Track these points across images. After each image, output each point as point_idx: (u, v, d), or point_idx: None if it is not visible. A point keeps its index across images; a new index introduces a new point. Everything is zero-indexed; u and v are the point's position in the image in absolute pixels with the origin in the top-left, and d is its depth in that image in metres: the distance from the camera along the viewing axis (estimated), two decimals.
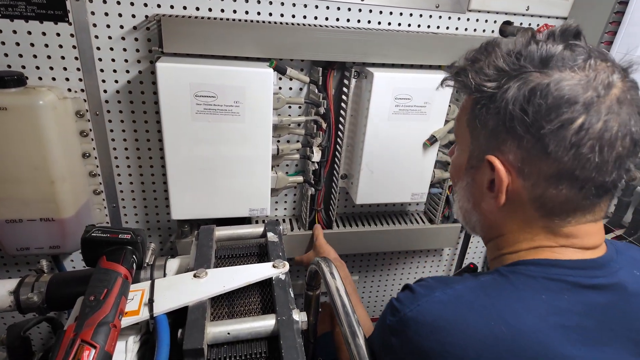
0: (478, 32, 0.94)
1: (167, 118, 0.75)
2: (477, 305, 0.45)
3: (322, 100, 0.87)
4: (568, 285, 0.45)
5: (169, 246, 1.03)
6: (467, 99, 0.51)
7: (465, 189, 0.53)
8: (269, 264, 0.63)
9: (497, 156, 0.46)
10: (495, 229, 0.52)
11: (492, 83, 0.46)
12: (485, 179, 0.49)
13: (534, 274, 0.46)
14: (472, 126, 0.49)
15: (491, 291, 0.46)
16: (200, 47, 0.76)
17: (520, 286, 0.46)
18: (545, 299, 0.45)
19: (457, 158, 0.55)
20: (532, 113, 0.42)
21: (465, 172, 0.52)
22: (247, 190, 0.85)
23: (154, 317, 0.53)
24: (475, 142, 0.49)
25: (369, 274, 1.24)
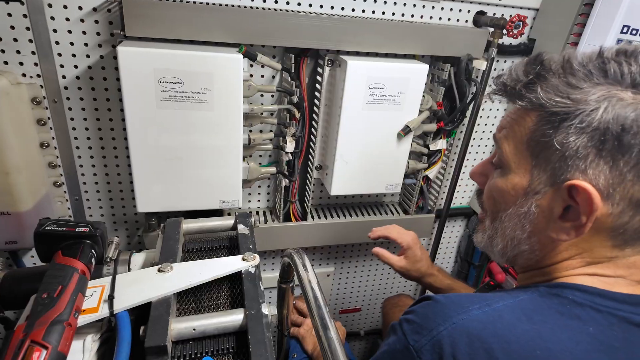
0: (452, 21, 0.94)
1: (130, 105, 0.71)
2: (519, 329, 0.41)
3: (295, 89, 0.85)
4: (616, 320, 0.42)
5: (137, 240, 0.99)
6: (523, 113, 0.45)
7: (521, 216, 0.46)
8: (238, 257, 0.61)
9: (582, 179, 0.41)
10: (550, 259, 0.47)
11: (571, 99, 0.41)
12: (558, 206, 0.43)
13: (580, 301, 0.42)
14: (539, 146, 0.43)
15: (534, 315, 0.42)
16: (165, 31, 0.72)
17: (566, 313, 0.42)
18: (592, 332, 0.41)
19: (505, 182, 0.48)
20: (634, 133, 0.38)
21: (524, 198, 0.46)
22: (217, 181, 0.82)
23: (114, 314, 0.50)
24: (542, 164, 0.44)
25: (344, 265, 1.23)
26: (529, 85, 0.44)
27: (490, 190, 0.50)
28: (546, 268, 0.47)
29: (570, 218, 0.43)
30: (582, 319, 0.41)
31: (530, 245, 0.47)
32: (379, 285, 1.32)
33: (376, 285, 1.32)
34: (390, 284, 1.33)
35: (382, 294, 1.34)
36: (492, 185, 0.50)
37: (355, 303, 1.33)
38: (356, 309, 1.34)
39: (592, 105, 0.39)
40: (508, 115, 0.49)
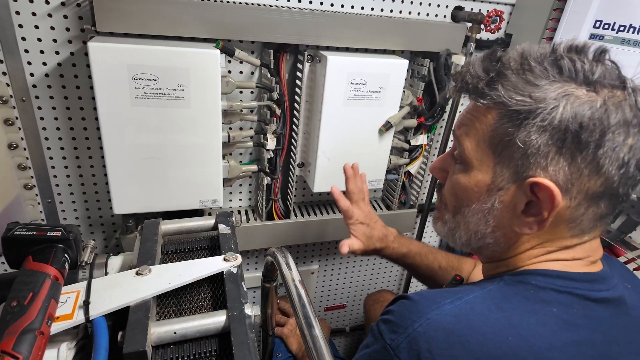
0: (431, 16, 0.94)
1: (103, 103, 0.69)
2: (491, 319, 0.43)
3: (275, 85, 0.83)
4: (576, 299, 0.44)
5: (115, 242, 0.96)
6: (484, 111, 0.45)
7: (485, 212, 0.47)
8: (219, 257, 0.59)
9: (543, 176, 0.42)
10: (512, 250, 0.49)
11: (531, 97, 0.42)
12: (520, 202, 0.44)
13: (542, 284, 0.45)
14: (501, 144, 0.44)
15: (503, 303, 0.44)
16: (138, 26, 0.70)
17: (531, 298, 0.44)
18: (557, 313, 0.43)
19: (468, 179, 0.48)
20: (590, 131, 0.40)
21: (487, 194, 0.47)
22: (197, 180, 0.80)
23: (90, 320, 0.48)
24: (505, 162, 0.44)
25: (328, 262, 1.23)
26: (490, 83, 0.44)
27: (452, 187, 0.51)
28: (510, 259, 0.49)
29: (533, 213, 0.44)
30: (546, 301, 0.44)
31: (494, 238, 0.48)
32: (363, 282, 1.33)
33: (360, 282, 1.32)
34: (374, 279, 1.34)
35: (366, 290, 1.35)
36: (454, 182, 0.50)
37: (340, 300, 1.33)
38: (341, 305, 1.34)
39: (552, 103, 0.40)
40: (468, 112, 0.49)
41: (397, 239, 0.82)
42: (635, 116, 0.41)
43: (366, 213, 0.81)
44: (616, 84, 0.42)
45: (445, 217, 0.53)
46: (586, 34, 0.83)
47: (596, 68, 0.42)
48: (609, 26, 0.78)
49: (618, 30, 0.77)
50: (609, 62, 0.44)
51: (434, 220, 0.57)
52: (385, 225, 0.83)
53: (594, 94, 0.41)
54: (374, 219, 0.81)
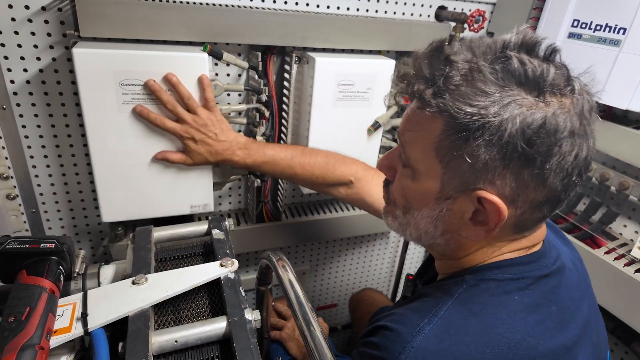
0: (415, 16, 0.96)
1: (89, 110, 0.67)
2: (470, 328, 0.44)
3: (263, 87, 0.83)
4: (530, 280, 0.48)
5: (102, 251, 0.94)
6: (429, 119, 0.43)
7: (434, 217, 0.48)
8: (215, 263, 0.59)
9: (489, 191, 0.42)
10: (463, 250, 0.50)
11: (480, 109, 0.39)
12: (468, 210, 0.45)
13: (500, 277, 0.47)
14: (449, 155, 0.43)
15: (474, 307, 0.46)
16: (123, 31, 0.69)
17: (496, 293, 0.46)
18: (518, 299, 0.46)
19: (416, 186, 0.48)
20: (537, 147, 0.39)
21: (435, 201, 0.47)
22: (186, 185, 0.79)
23: (88, 333, 0.48)
24: (452, 173, 0.44)
25: (319, 263, 1.24)
26: (437, 92, 0.41)
27: (402, 189, 0.51)
28: (463, 258, 0.51)
29: (480, 221, 0.45)
30: (507, 291, 0.47)
31: (445, 240, 0.50)
32: (354, 280, 1.34)
33: (351, 280, 1.33)
34: (364, 278, 1.35)
35: (357, 288, 1.36)
36: (403, 186, 0.50)
37: (331, 299, 1.34)
38: (332, 304, 1.35)
39: (500, 116, 0.39)
40: (412, 117, 0.46)
41: (242, 150, 0.75)
42: (581, 124, 0.41)
43: (197, 125, 0.71)
44: (565, 91, 0.41)
45: (396, 212, 0.53)
46: (565, 32, 0.86)
47: (547, 73, 0.40)
48: (586, 25, 0.81)
49: (595, 29, 0.80)
50: (560, 63, 0.43)
51: (384, 213, 0.56)
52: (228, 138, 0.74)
53: (544, 104, 0.40)
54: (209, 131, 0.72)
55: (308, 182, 0.81)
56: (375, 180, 0.81)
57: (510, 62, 0.40)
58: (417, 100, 0.44)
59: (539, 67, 0.40)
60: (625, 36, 0.75)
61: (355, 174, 0.81)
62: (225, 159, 0.75)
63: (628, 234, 0.91)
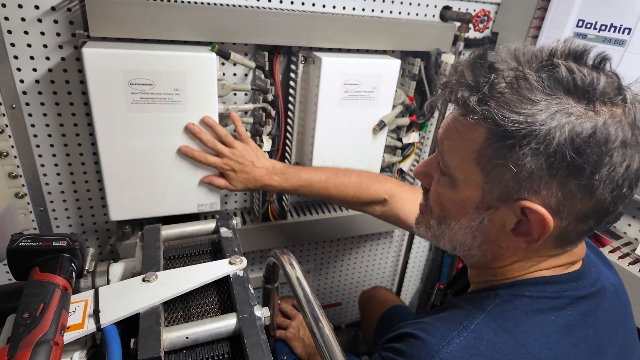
0: (420, 16, 0.96)
1: (98, 109, 0.68)
2: (500, 343, 0.43)
3: (269, 87, 0.84)
4: (568, 300, 0.46)
5: (109, 249, 0.95)
6: (471, 126, 0.42)
7: (473, 228, 0.46)
8: (224, 260, 0.59)
9: (534, 201, 0.41)
10: (500, 261, 0.49)
11: (527, 117, 0.38)
12: (510, 221, 0.43)
13: (535, 294, 0.46)
14: (491, 164, 0.42)
15: (506, 323, 0.44)
16: (132, 31, 0.69)
17: (530, 311, 0.45)
18: (554, 320, 0.45)
19: (455, 195, 0.47)
20: (587, 157, 0.38)
21: (476, 211, 0.45)
22: (194, 184, 0.80)
23: (101, 329, 0.48)
24: (495, 182, 0.42)
25: (323, 261, 1.24)
26: (482, 99, 0.40)
27: (439, 197, 0.49)
28: (498, 269, 0.50)
29: (522, 232, 0.43)
30: (543, 310, 0.45)
31: (481, 251, 0.48)
32: (358, 279, 1.34)
33: (355, 279, 1.34)
34: (368, 276, 1.36)
35: (361, 287, 1.37)
36: (440, 194, 0.49)
37: (335, 297, 1.35)
38: (336, 303, 1.36)
39: (548, 125, 0.38)
40: (452, 124, 0.45)
41: (279, 176, 0.79)
42: (633, 134, 0.39)
43: (236, 157, 0.77)
44: (616, 100, 0.39)
45: (430, 222, 0.52)
46: (569, 32, 0.86)
47: (597, 81, 0.39)
48: (591, 25, 0.82)
49: (600, 29, 0.80)
50: (610, 71, 0.41)
51: (416, 223, 0.56)
52: (265, 164, 0.79)
53: (593, 113, 0.38)
54: (246, 161, 0.77)
55: (343, 202, 0.83)
56: (409, 196, 0.82)
57: (557, 70, 0.39)
58: (460, 108, 0.43)
59: (589, 75, 0.39)
60: (630, 36, 0.76)
61: (389, 192, 0.82)
62: (264, 185, 0.79)
63: (633, 233, 0.91)
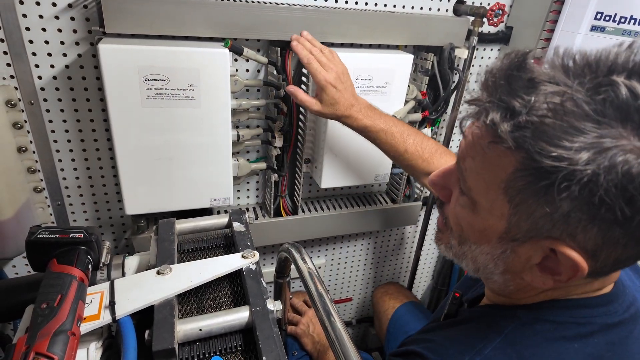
0: (433, 11, 0.95)
1: (114, 105, 0.69)
2: None
3: (281, 82, 0.84)
4: (596, 327, 0.42)
5: (124, 243, 0.97)
6: (501, 152, 0.36)
7: (495, 256, 0.42)
8: (237, 254, 0.60)
9: (567, 243, 0.35)
10: (527, 292, 0.45)
11: (568, 153, 0.31)
12: (537, 255, 0.38)
13: (561, 319, 0.42)
14: (520, 197, 0.36)
15: (524, 350, 0.40)
16: (147, 27, 0.70)
17: (551, 337, 0.41)
18: (578, 348, 0.41)
19: (476, 220, 0.41)
20: (634, 203, 0.31)
21: (499, 241, 0.40)
22: (207, 179, 0.81)
23: (116, 320, 0.49)
24: (523, 216, 0.37)
25: (335, 257, 1.24)
26: (517, 126, 0.33)
27: (457, 218, 0.44)
28: (521, 297, 0.46)
29: (549, 268, 0.39)
30: (566, 337, 0.41)
31: (504, 279, 0.44)
32: (369, 274, 1.34)
33: (366, 275, 1.34)
34: (380, 272, 1.35)
35: (372, 283, 1.36)
36: (459, 216, 0.44)
37: (346, 293, 1.35)
38: (347, 299, 1.36)
39: (595, 163, 0.31)
40: (476, 141, 0.38)
41: (365, 111, 0.76)
42: None
43: (338, 73, 0.74)
44: None
45: (451, 242, 0.47)
46: (587, 26, 0.84)
47: None
48: (610, 18, 0.80)
49: (619, 22, 0.78)
50: None
51: (436, 239, 0.52)
52: (355, 95, 0.77)
53: None
54: (346, 81, 0.75)
55: (412, 164, 0.77)
56: None
57: (616, 91, 0.31)
58: (492, 134, 0.36)
59: None
60: None
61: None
62: (351, 114, 0.75)
63: None
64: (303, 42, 0.75)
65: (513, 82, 0.35)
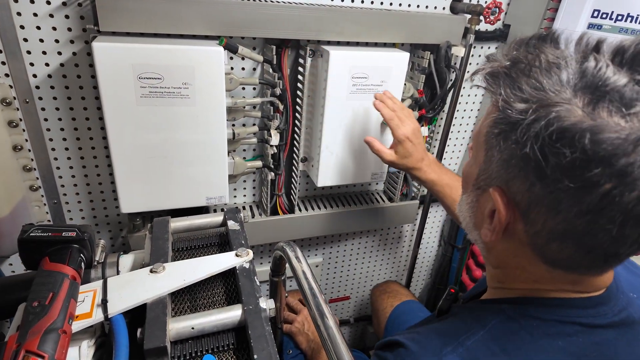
0: (429, 9, 0.95)
1: (108, 103, 0.69)
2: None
3: (277, 81, 0.84)
4: (582, 328, 0.42)
5: (121, 241, 0.97)
6: (493, 104, 0.41)
7: (470, 205, 0.47)
8: (231, 253, 0.60)
9: (503, 190, 0.40)
10: (495, 257, 0.48)
11: (520, 105, 0.36)
12: (488, 207, 0.42)
13: (546, 316, 0.43)
14: (490, 143, 0.41)
15: (507, 344, 0.42)
16: (141, 25, 0.70)
17: (536, 333, 0.42)
18: (562, 346, 0.41)
19: (468, 167, 0.47)
20: (553, 161, 0.34)
21: (472, 189, 0.46)
22: (202, 178, 0.81)
23: (109, 318, 0.49)
24: (487, 163, 0.42)
25: (332, 255, 1.24)
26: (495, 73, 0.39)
27: (464, 171, 0.50)
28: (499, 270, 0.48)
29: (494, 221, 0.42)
30: (550, 334, 0.42)
31: (475, 237, 0.48)
32: (367, 273, 1.34)
33: (364, 273, 1.34)
34: (377, 270, 1.35)
35: (369, 281, 1.36)
36: (465, 167, 0.49)
37: (344, 292, 1.35)
38: (345, 297, 1.36)
39: (530, 118, 0.35)
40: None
41: (432, 165, 0.83)
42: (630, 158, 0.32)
43: (414, 130, 0.81)
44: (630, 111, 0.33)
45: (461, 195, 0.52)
46: (584, 23, 0.84)
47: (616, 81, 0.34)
48: (607, 15, 0.79)
49: (616, 20, 0.78)
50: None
51: None
52: (426, 150, 0.84)
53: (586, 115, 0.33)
54: (418, 137, 0.82)
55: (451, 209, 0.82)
56: None
57: (586, 63, 0.35)
58: (480, 79, 0.42)
59: (613, 73, 0.34)
60: None
61: None
62: (421, 167, 0.82)
63: None
64: (385, 99, 0.82)
65: (524, 45, 0.40)
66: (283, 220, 1.00)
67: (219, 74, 0.72)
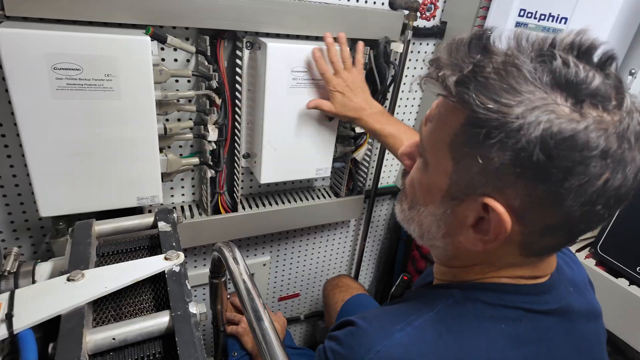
0: (369, 4, 0.95)
1: (19, 97, 0.62)
2: (441, 345, 0.42)
3: (213, 73, 0.80)
4: (524, 312, 0.44)
5: (45, 248, 0.89)
6: (451, 109, 0.40)
7: (437, 217, 0.45)
8: (160, 256, 0.56)
9: (497, 199, 0.38)
10: (461, 261, 0.47)
11: (503, 107, 0.35)
12: (472, 216, 0.41)
13: (491, 300, 0.44)
14: (461, 152, 0.39)
15: (453, 325, 0.43)
16: (56, 11, 0.64)
17: (481, 317, 0.44)
18: (505, 329, 0.43)
19: (425, 178, 0.45)
20: (558, 162, 0.34)
21: (441, 200, 0.43)
22: (132, 177, 0.75)
23: (14, 334, 0.44)
24: (462, 172, 0.40)
25: (280, 253, 1.22)
26: (461, 80, 0.37)
27: (412, 180, 0.48)
28: (457, 269, 0.49)
29: (482, 230, 0.41)
30: (495, 318, 0.44)
31: (444, 244, 0.47)
32: (316, 269, 1.34)
33: (313, 269, 1.33)
34: (326, 266, 1.35)
35: (319, 277, 1.36)
36: (413, 176, 0.48)
37: (293, 289, 1.33)
38: (295, 294, 1.35)
39: (523, 119, 0.34)
40: (437, 106, 0.43)
41: (376, 115, 0.84)
42: (620, 147, 0.35)
43: (348, 82, 0.82)
44: (609, 106, 0.35)
45: (404, 205, 0.51)
46: (512, 22, 0.87)
47: (590, 81, 0.35)
48: (531, 15, 0.84)
49: (539, 19, 0.82)
50: (612, 72, 0.37)
51: (397, 202, 0.54)
52: (370, 100, 0.85)
53: (578, 115, 0.34)
54: (356, 89, 0.83)
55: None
56: None
57: (553, 61, 0.36)
58: (441, 87, 0.40)
59: (584, 72, 0.35)
60: (567, 25, 0.78)
61: None
62: (361, 117, 0.83)
63: None
64: (330, 47, 0.82)
65: (471, 47, 0.39)
66: (225, 219, 0.97)
67: (146, 65, 0.68)
